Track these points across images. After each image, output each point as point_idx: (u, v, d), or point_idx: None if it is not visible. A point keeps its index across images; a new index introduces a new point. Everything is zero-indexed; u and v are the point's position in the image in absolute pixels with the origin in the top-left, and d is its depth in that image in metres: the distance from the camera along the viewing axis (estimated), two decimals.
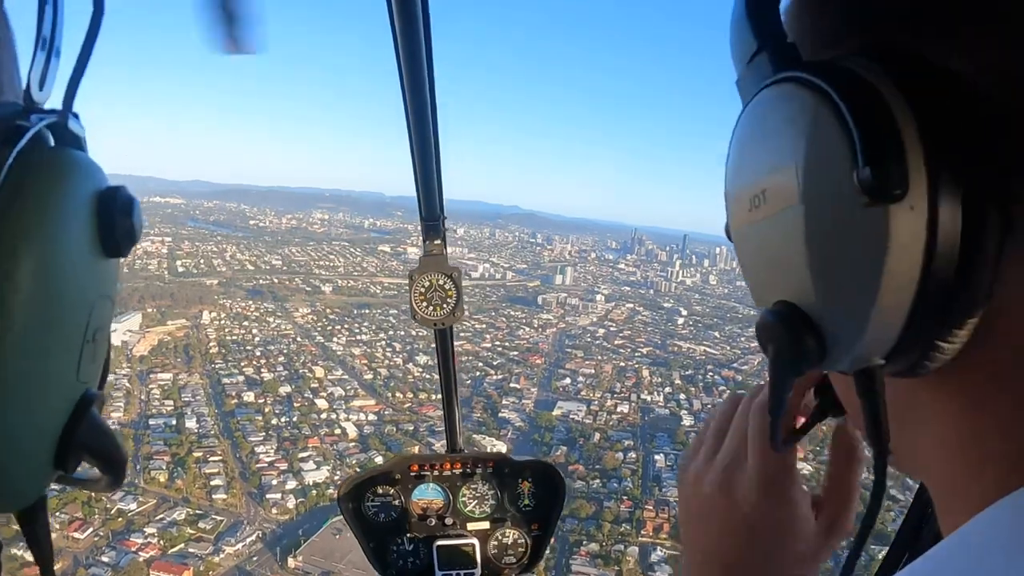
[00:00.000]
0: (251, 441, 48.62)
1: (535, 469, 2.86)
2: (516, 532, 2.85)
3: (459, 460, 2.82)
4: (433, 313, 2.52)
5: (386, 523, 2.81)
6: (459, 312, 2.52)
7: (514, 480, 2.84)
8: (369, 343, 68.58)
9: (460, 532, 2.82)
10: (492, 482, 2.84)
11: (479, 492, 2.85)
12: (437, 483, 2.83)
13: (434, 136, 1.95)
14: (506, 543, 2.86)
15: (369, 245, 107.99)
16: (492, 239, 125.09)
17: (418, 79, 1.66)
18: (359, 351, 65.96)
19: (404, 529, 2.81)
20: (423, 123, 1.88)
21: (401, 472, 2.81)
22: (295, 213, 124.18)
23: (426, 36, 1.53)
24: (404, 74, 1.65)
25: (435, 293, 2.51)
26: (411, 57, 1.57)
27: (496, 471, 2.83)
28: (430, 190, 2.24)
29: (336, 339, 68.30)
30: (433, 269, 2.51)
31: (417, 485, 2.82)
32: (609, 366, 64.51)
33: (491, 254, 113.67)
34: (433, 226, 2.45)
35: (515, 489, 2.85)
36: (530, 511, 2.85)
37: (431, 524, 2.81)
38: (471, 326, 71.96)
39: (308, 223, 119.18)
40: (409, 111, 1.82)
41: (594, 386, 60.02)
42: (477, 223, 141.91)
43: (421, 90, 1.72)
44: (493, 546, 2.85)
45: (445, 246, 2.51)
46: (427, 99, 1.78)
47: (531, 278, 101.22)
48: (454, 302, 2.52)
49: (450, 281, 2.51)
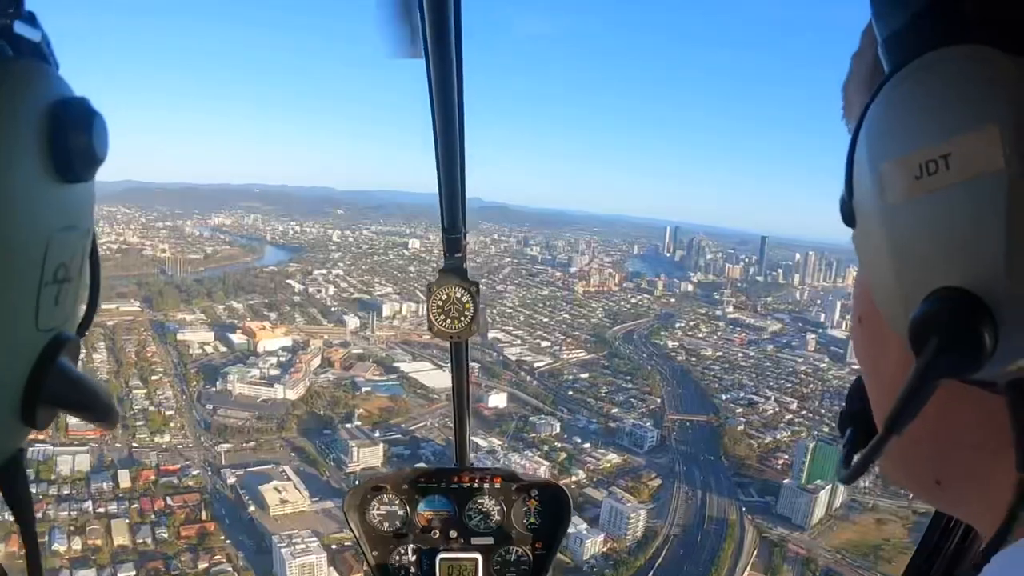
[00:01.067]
0: None
1: (542, 488, 2.82)
2: (520, 550, 2.81)
3: (467, 474, 2.79)
4: (450, 326, 2.47)
5: (390, 532, 2.80)
6: (475, 326, 2.48)
7: (521, 497, 2.81)
8: None
9: (464, 546, 2.79)
10: (499, 498, 2.80)
11: (485, 507, 2.81)
12: (444, 495, 2.81)
13: (460, 152, 1.94)
14: (509, 560, 2.81)
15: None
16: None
17: (448, 96, 1.67)
18: None
19: (408, 539, 2.79)
20: (451, 140, 1.87)
21: (409, 483, 2.79)
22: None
23: (458, 55, 1.56)
24: (434, 91, 1.65)
25: (452, 306, 2.45)
26: (442, 74, 1.57)
27: (503, 487, 2.80)
28: (453, 205, 2.20)
29: None
30: (452, 282, 2.46)
31: (424, 496, 2.80)
32: None
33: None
34: (455, 239, 2.40)
35: (521, 506, 2.82)
36: (535, 529, 2.81)
37: (435, 536, 2.79)
38: None
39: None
40: (437, 128, 1.82)
41: None
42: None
43: (451, 107, 1.72)
44: (496, 562, 2.80)
45: (465, 260, 2.46)
46: (456, 116, 1.78)
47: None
48: (471, 316, 2.47)
49: (468, 295, 2.46)
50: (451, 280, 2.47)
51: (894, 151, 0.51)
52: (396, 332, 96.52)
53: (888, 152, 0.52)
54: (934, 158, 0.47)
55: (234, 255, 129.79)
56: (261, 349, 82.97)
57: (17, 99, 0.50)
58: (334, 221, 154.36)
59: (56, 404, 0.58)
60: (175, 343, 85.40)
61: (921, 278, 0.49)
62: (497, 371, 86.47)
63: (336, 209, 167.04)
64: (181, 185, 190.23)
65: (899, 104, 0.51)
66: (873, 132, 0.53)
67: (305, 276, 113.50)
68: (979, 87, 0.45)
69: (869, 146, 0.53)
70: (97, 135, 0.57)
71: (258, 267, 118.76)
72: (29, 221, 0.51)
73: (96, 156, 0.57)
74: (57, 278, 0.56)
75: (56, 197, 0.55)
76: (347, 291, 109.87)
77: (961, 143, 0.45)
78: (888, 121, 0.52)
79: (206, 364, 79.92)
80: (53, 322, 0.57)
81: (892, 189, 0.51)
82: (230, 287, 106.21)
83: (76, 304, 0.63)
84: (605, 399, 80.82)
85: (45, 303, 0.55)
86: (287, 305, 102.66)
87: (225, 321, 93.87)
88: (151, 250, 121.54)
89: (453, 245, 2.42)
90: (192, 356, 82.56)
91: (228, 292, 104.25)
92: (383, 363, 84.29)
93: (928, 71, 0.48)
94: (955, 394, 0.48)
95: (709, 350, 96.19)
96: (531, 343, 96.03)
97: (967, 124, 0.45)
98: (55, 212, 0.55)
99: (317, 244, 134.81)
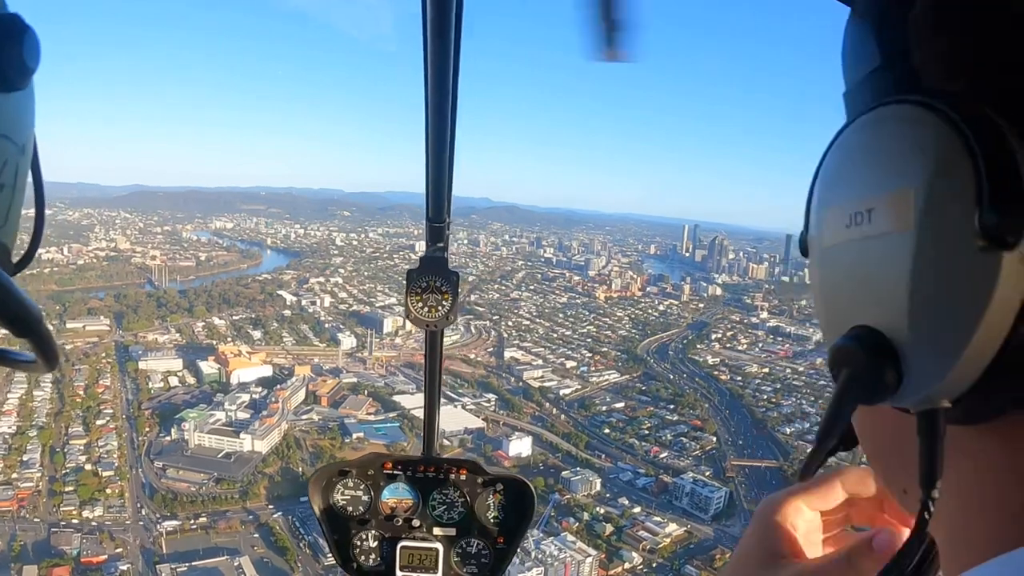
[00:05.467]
0: None
1: (507, 482, 2.67)
2: (481, 543, 2.66)
3: (433, 464, 2.66)
4: (428, 315, 2.36)
5: (353, 517, 2.66)
6: (452, 316, 2.37)
7: (486, 491, 2.66)
8: None
9: (425, 536, 2.66)
10: (463, 490, 2.66)
11: (449, 498, 2.67)
12: (408, 484, 2.67)
13: (450, 143, 1.87)
14: (470, 552, 2.67)
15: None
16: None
17: (443, 86, 1.60)
18: None
19: (370, 525, 2.66)
20: (442, 130, 1.79)
21: (374, 468, 2.65)
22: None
23: (455, 44, 1.51)
24: (429, 80, 1.58)
25: (431, 295, 2.35)
26: (439, 63, 1.51)
27: (468, 479, 2.66)
28: (439, 194, 2.12)
29: None
30: (433, 272, 2.35)
31: (388, 484, 2.67)
32: None
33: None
34: (438, 229, 2.31)
35: (486, 500, 2.66)
36: (498, 523, 2.66)
37: (398, 524, 2.65)
38: None
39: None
40: (429, 118, 1.73)
41: None
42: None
43: (444, 98, 1.64)
44: (456, 554, 2.66)
45: (447, 250, 2.37)
46: (448, 107, 1.71)
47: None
48: (449, 305, 2.36)
49: (448, 284, 2.35)
50: (432, 269, 2.35)
51: (834, 198, 0.53)
52: (398, 353, 77.11)
53: (830, 198, 0.54)
54: (861, 210, 0.49)
55: (230, 261, 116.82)
56: (234, 380, 64.44)
57: None
58: (339, 224, 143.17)
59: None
60: (135, 374, 66.03)
61: (843, 315, 0.52)
62: (518, 403, 67.32)
63: (343, 211, 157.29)
64: (186, 188, 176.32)
65: (844, 154, 0.53)
66: (823, 177, 0.55)
67: (300, 285, 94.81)
68: (905, 148, 0.46)
69: (819, 189, 0.56)
70: (28, 46, 0.55)
71: (250, 276, 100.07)
72: None
73: (26, 66, 0.55)
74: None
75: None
76: (345, 302, 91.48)
77: (883, 201, 0.47)
78: (834, 169, 0.54)
79: (165, 404, 61.18)
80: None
81: (829, 232, 0.54)
82: (215, 299, 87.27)
83: (10, 217, 0.60)
84: (650, 438, 61.84)
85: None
86: (275, 321, 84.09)
87: (202, 342, 75.65)
88: (141, 257, 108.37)
89: (436, 234, 2.32)
90: (151, 391, 64.32)
91: (212, 306, 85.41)
92: (380, 397, 65.34)
93: (870, 126, 0.50)
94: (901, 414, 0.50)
95: (754, 366, 78.78)
96: (554, 364, 76.99)
97: (889, 183, 0.47)
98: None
99: (319, 248, 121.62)
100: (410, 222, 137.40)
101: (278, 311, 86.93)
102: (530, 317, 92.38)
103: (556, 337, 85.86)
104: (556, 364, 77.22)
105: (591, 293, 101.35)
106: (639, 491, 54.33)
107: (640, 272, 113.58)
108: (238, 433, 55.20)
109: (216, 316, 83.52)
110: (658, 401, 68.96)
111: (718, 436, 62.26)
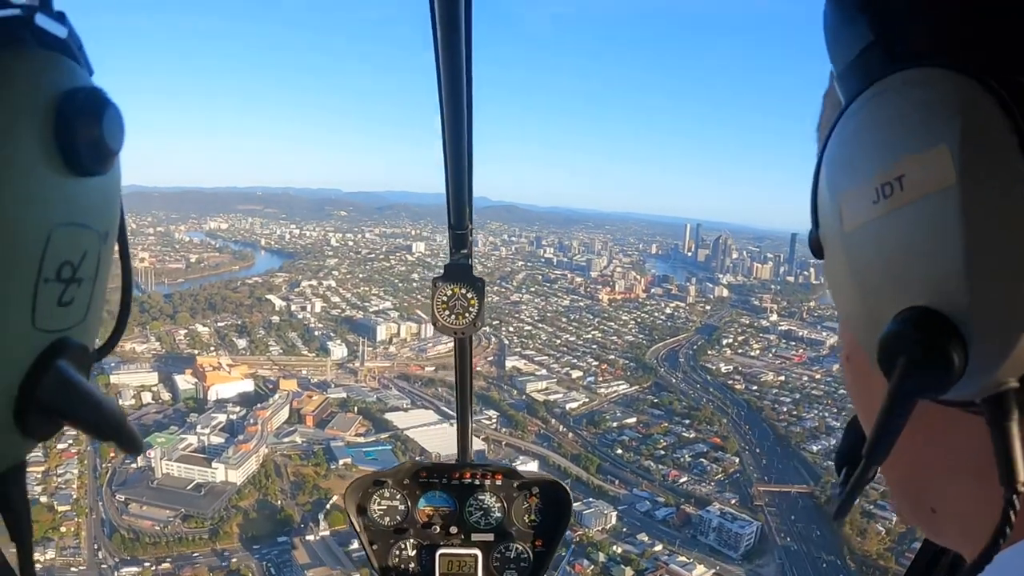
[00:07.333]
0: None
1: (544, 485, 2.63)
2: (520, 546, 2.63)
3: (469, 470, 2.62)
4: (455, 322, 2.30)
5: (390, 527, 2.62)
6: (480, 322, 2.31)
7: (522, 495, 2.63)
8: None
9: (464, 542, 2.62)
10: (500, 495, 2.63)
11: (486, 504, 2.64)
12: (445, 491, 2.63)
13: (468, 150, 1.81)
14: (509, 556, 2.63)
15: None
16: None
17: (457, 93, 1.56)
18: None
19: (408, 534, 2.62)
20: (459, 136, 1.74)
21: (410, 477, 2.61)
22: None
23: (467, 52, 1.46)
24: (443, 87, 1.55)
25: (457, 302, 2.30)
26: (451, 71, 1.47)
27: (504, 484, 2.63)
28: (460, 201, 2.06)
29: None
30: (458, 279, 2.30)
31: (425, 492, 2.63)
32: None
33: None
34: (461, 236, 2.25)
35: (522, 504, 2.63)
36: (536, 527, 2.64)
37: (435, 532, 2.62)
38: None
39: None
40: (445, 125, 1.68)
41: None
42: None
43: (459, 98, 1.59)
44: (496, 559, 2.62)
45: (471, 256, 2.32)
46: (464, 113, 1.66)
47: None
48: (475, 312, 2.30)
49: (473, 291, 2.29)
50: (457, 276, 2.29)
51: (852, 178, 0.48)
52: (392, 363, 69.68)
53: (846, 180, 0.49)
54: (889, 180, 0.44)
55: (221, 263, 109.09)
56: (212, 396, 56.46)
57: (26, 86, 0.44)
58: (336, 224, 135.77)
59: (53, 411, 0.50)
60: (106, 389, 58.66)
61: (885, 301, 0.45)
62: (521, 419, 59.91)
63: (340, 211, 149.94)
64: (182, 189, 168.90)
65: (854, 133, 0.48)
66: (832, 163, 0.51)
67: (291, 289, 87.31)
68: (927, 107, 0.43)
69: (829, 177, 0.51)
70: (109, 126, 0.49)
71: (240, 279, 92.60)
72: (26, 210, 0.44)
73: (107, 147, 0.50)
74: (61, 276, 0.49)
75: (61, 190, 0.48)
76: (337, 307, 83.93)
77: (913, 163, 0.43)
78: (845, 151, 0.49)
79: (135, 424, 52.64)
80: (56, 323, 0.50)
81: (852, 216, 0.48)
82: (200, 304, 79.73)
83: (91, 311, 0.55)
84: (667, 459, 54.84)
85: (45, 300, 0.47)
86: (262, 328, 76.59)
87: (182, 352, 68.19)
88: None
89: (460, 241, 2.26)
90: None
91: (196, 311, 77.83)
92: (371, 415, 57.97)
93: (879, 97, 0.46)
94: (944, 420, 0.45)
95: (770, 374, 72.18)
96: (559, 374, 69.73)
97: (918, 144, 0.43)
98: (59, 205, 0.47)
99: (313, 249, 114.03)
100: (407, 222, 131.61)
101: (266, 317, 79.84)
102: (532, 321, 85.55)
103: (560, 344, 78.98)
104: (561, 374, 70.37)
105: (594, 295, 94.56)
106: (659, 524, 47.68)
107: (643, 272, 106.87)
108: (210, 461, 48.24)
109: (200, 323, 76.42)
110: (672, 416, 62.13)
111: (740, 456, 55.57)
